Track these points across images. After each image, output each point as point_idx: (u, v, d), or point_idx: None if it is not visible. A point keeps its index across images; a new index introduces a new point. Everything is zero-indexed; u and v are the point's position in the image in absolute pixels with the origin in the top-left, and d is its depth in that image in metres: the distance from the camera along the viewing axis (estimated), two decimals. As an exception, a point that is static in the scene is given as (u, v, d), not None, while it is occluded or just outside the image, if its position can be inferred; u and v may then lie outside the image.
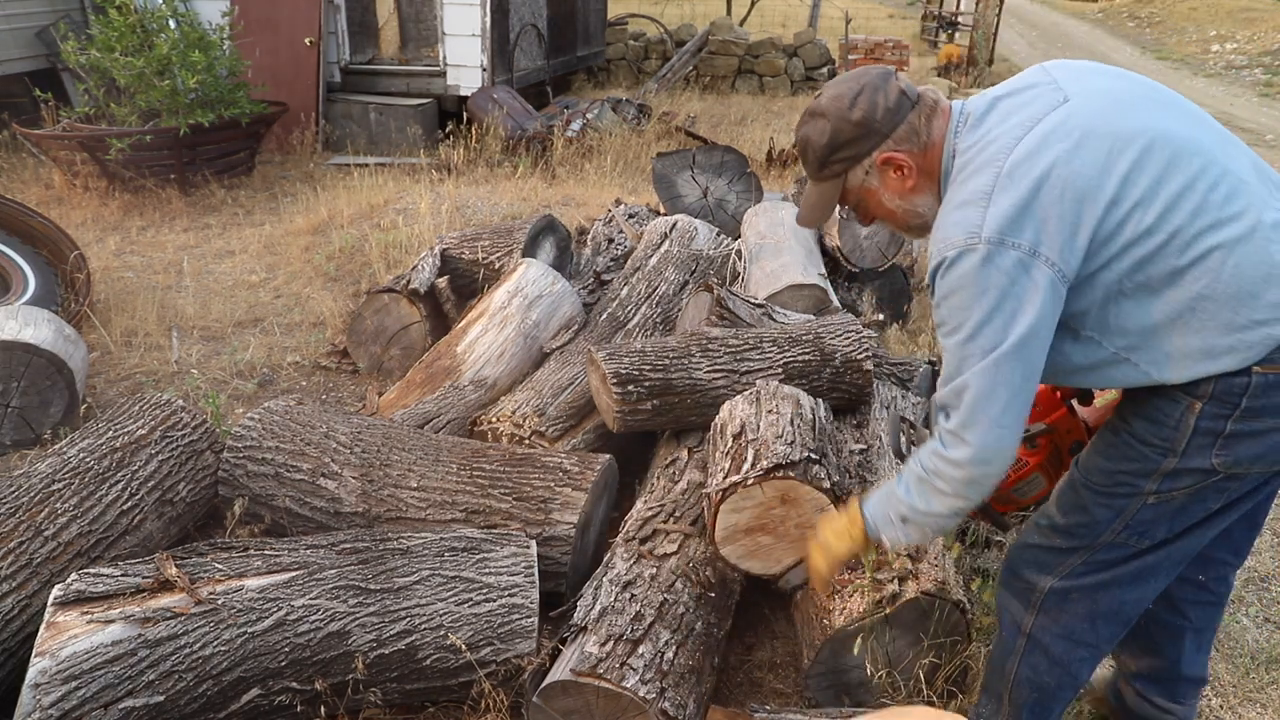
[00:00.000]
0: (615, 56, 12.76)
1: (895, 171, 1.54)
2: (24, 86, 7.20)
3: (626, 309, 3.53)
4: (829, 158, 1.55)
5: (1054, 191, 1.35)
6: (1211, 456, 1.42)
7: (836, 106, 1.52)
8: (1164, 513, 1.50)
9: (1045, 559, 1.63)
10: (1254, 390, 1.37)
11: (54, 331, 3.26)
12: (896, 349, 4.01)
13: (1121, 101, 1.43)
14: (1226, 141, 1.45)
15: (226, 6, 7.28)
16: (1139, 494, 1.50)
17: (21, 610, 1.99)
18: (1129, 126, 1.38)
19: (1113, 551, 1.56)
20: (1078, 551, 1.59)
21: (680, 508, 2.38)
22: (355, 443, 2.55)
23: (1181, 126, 1.41)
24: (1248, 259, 1.34)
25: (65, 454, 2.37)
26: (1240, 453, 1.42)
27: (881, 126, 1.50)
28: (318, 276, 4.97)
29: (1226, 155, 1.41)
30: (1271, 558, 2.82)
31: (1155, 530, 1.52)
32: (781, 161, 7.34)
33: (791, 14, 16.80)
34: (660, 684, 1.83)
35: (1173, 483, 1.47)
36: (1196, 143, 1.39)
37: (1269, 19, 18.14)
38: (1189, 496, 1.48)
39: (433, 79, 8.45)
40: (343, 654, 1.92)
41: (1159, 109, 1.43)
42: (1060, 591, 1.62)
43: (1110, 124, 1.38)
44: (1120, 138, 1.37)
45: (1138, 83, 1.48)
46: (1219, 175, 1.37)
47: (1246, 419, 1.39)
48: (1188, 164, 1.36)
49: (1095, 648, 1.65)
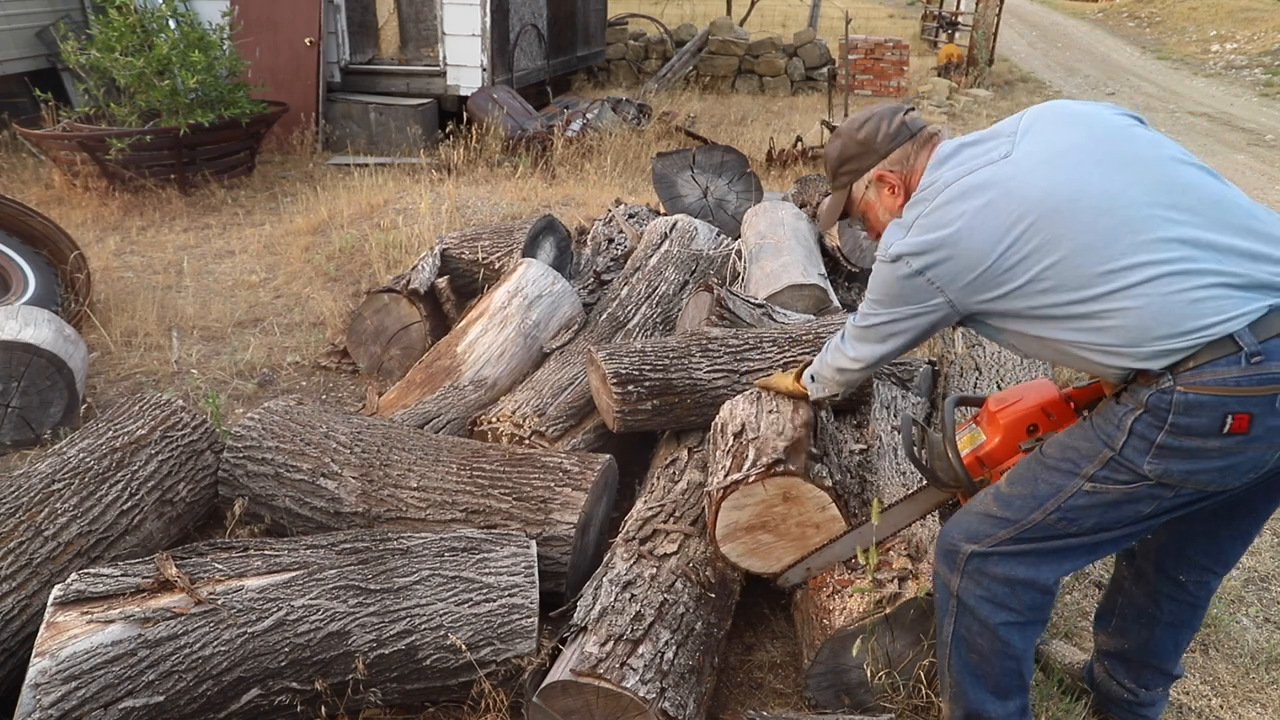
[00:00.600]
0: (615, 56, 12.76)
1: (888, 189, 1.83)
2: (24, 86, 7.21)
3: (626, 309, 3.53)
4: (839, 169, 1.90)
5: (950, 246, 1.59)
6: (1145, 462, 1.51)
7: (848, 128, 1.87)
8: (1097, 503, 1.58)
9: (977, 527, 1.72)
10: (1177, 407, 1.46)
11: (54, 331, 3.26)
12: (896, 349, 4.00)
13: (1058, 160, 1.57)
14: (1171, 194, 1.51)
15: (226, 6, 7.28)
16: (1078, 475, 1.59)
17: (21, 610, 1.99)
18: (1041, 189, 1.54)
19: (1039, 531, 1.65)
20: (1010, 525, 1.68)
21: (680, 508, 2.38)
22: (355, 443, 2.55)
23: (1112, 183, 1.52)
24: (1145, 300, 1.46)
25: (65, 454, 2.37)
26: (1171, 466, 1.50)
27: (880, 147, 1.82)
28: (318, 276, 4.97)
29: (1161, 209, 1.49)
30: (1272, 558, 2.82)
31: (1085, 519, 1.61)
32: (781, 161, 7.34)
33: (791, 14, 16.80)
34: (660, 684, 1.83)
35: (1109, 473, 1.56)
36: (1127, 195, 1.50)
37: (1269, 19, 18.14)
38: (1122, 494, 1.56)
39: (433, 79, 8.45)
40: (343, 654, 1.92)
41: (1095, 166, 1.54)
42: (981, 555, 1.71)
43: (1027, 187, 1.55)
44: (1028, 199, 1.54)
45: (1100, 137, 1.59)
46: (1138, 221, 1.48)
47: (1175, 434, 1.48)
48: (1091, 221, 1.50)
49: (1018, 613, 1.71)
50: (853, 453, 2.58)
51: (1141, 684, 1.99)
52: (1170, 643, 1.94)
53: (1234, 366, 1.42)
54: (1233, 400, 1.42)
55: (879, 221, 1.87)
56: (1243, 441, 1.45)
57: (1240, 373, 1.41)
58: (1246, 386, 1.42)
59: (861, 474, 2.48)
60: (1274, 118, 11.45)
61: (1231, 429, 1.44)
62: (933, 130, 1.79)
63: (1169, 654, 1.95)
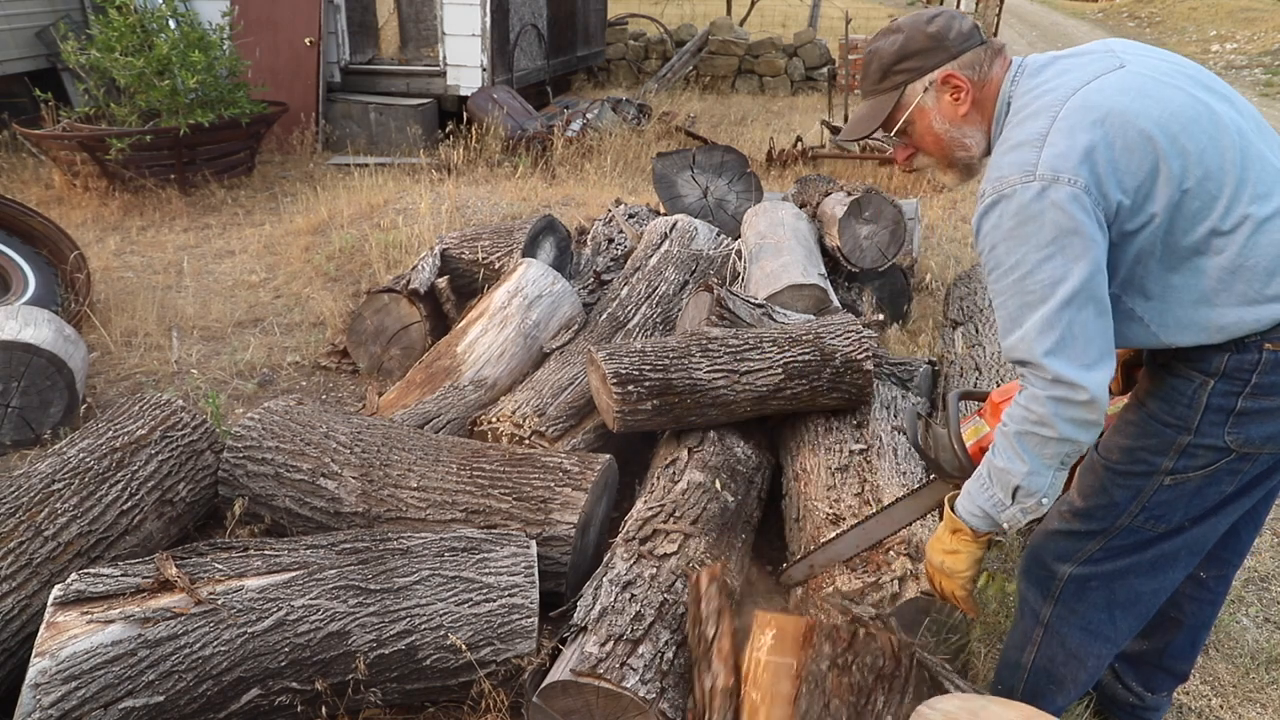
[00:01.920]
0: (615, 56, 12.76)
1: (953, 94, 1.56)
2: (24, 86, 7.20)
3: (626, 309, 3.53)
4: (895, 65, 1.58)
5: (1110, 138, 1.37)
6: (1225, 434, 1.45)
7: (914, 21, 1.58)
8: (1181, 494, 1.52)
9: (1064, 545, 1.64)
10: (1264, 367, 1.40)
11: (54, 331, 3.26)
12: (896, 349, 4.01)
13: (1172, 76, 1.46)
14: (1261, 128, 1.49)
15: (226, 6, 7.28)
16: (1156, 473, 1.52)
17: (21, 610, 1.99)
18: (1179, 97, 1.42)
19: (1130, 536, 1.57)
20: (1096, 536, 1.60)
21: (680, 508, 2.37)
22: (355, 443, 2.55)
23: (1223, 107, 1.45)
24: (1271, 236, 1.38)
25: (65, 454, 2.37)
26: (1251, 431, 1.44)
27: (952, 45, 1.55)
28: (318, 276, 4.97)
29: (1261, 140, 1.46)
30: (1272, 558, 2.82)
31: (1172, 513, 1.54)
32: (781, 161, 7.34)
33: (791, 14, 16.80)
34: (660, 684, 1.83)
35: (1188, 461, 1.49)
36: (1237, 124, 1.44)
37: (1269, 19, 18.14)
38: (1204, 478, 1.50)
39: (433, 79, 8.45)
40: (343, 654, 1.92)
41: (1204, 89, 1.46)
42: (1079, 579, 1.63)
43: (1163, 91, 1.42)
44: (1172, 103, 1.40)
45: (1186, 64, 1.52)
46: (1255, 156, 1.42)
47: (1256, 396, 1.42)
48: (1230, 140, 1.40)
49: (1112, 641, 1.65)
50: (852, 453, 2.58)
51: (1149, 688, 1.96)
52: (1188, 644, 1.91)
53: None
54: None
55: (930, 132, 1.60)
56: None
57: None
58: None
59: (862, 474, 2.48)
60: (1274, 118, 11.44)
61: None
62: (997, 40, 1.59)
63: (1185, 655, 1.92)
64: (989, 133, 1.58)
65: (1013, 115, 1.50)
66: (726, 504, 2.46)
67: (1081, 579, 1.63)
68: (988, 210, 1.44)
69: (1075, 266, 1.36)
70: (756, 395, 2.72)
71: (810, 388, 2.75)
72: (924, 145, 1.64)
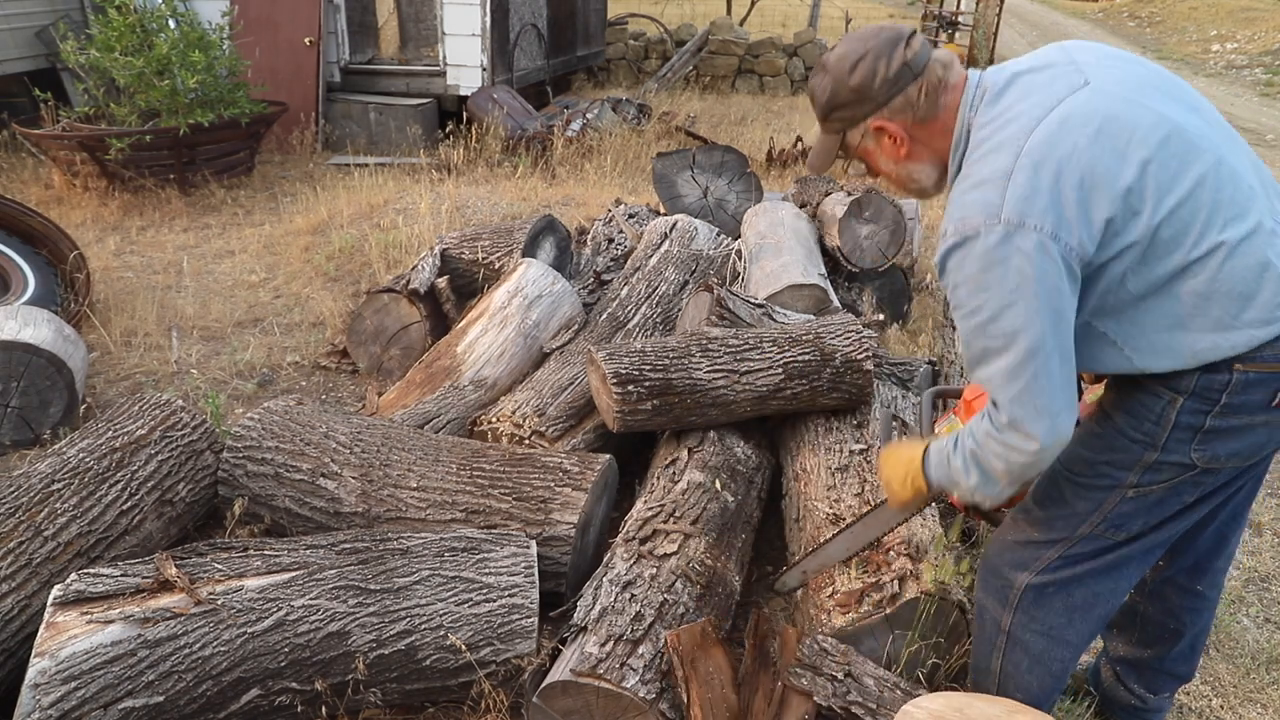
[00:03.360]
0: (615, 56, 12.75)
1: (889, 139, 1.55)
2: (24, 86, 7.20)
3: (626, 309, 3.53)
4: (828, 114, 1.58)
5: (1074, 178, 1.33)
6: (1191, 451, 1.46)
7: (839, 68, 1.53)
8: (1142, 506, 1.53)
9: (1022, 555, 1.65)
10: (1234, 388, 1.41)
11: (54, 331, 3.26)
12: (896, 349, 4.01)
13: (1139, 90, 1.41)
14: (1232, 140, 1.46)
15: (226, 6, 7.28)
16: (1119, 486, 1.52)
17: (21, 610, 1.99)
18: (1146, 117, 1.37)
19: (1089, 544, 1.58)
20: (1055, 544, 1.61)
21: (680, 508, 2.37)
22: (355, 443, 2.55)
23: (1192, 121, 1.41)
24: (1245, 260, 1.36)
25: (65, 454, 2.37)
26: (1218, 448, 1.46)
27: (877, 95, 1.50)
28: (318, 276, 4.97)
29: (1232, 154, 1.42)
30: (1272, 558, 2.82)
31: (1132, 523, 1.55)
32: (781, 161, 7.34)
33: (791, 14, 16.80)
34: (660, 684, 1.83)
35: (1153, 476, 1.50)
36: (1208, 139, 1.40)
37: (1269, 19, 18.13)
38: (1166, 490, 1.51)
39: (433, 79, 8.44)
40: (343, 654, 1.92)
41: (1171, 101, 1.42)
42: (1037, 587, 1.64)
43: (1129, 112, 1.37)
44: (1139, 127, 1.36)
45: (1152, 71, 1.48)
46: (1227, 174, 1.38)
47: (1225, 415, 1.43)
48: (1200, 160, 1.37)
49: (1073, 645, 1.67)
50: (852, 453, 2.58)
51: (1152, 690, 1.97)
52: (1189, 649, 1.91)
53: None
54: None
55: (880, 168, 1.63)
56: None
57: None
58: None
59: (861, 474, 2.48)
60: (1274, 117, 11.45)
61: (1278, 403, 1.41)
62: (940, 67, 1.50)
63: (1186, 658, 1.93)
64: (945, 163, 1.56)
65: (974, 147, 1.45)
66: (726, 504, 2.46)
67: (1039, 587, 1.63)
68: (950, 250, 1.42)
69: (1039, 318, 1.34)
70: (756, 395, 2.72)
71: (810, 388, 2.75)
72: (880, 174, 1.65)
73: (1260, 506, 3.08)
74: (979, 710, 1.55)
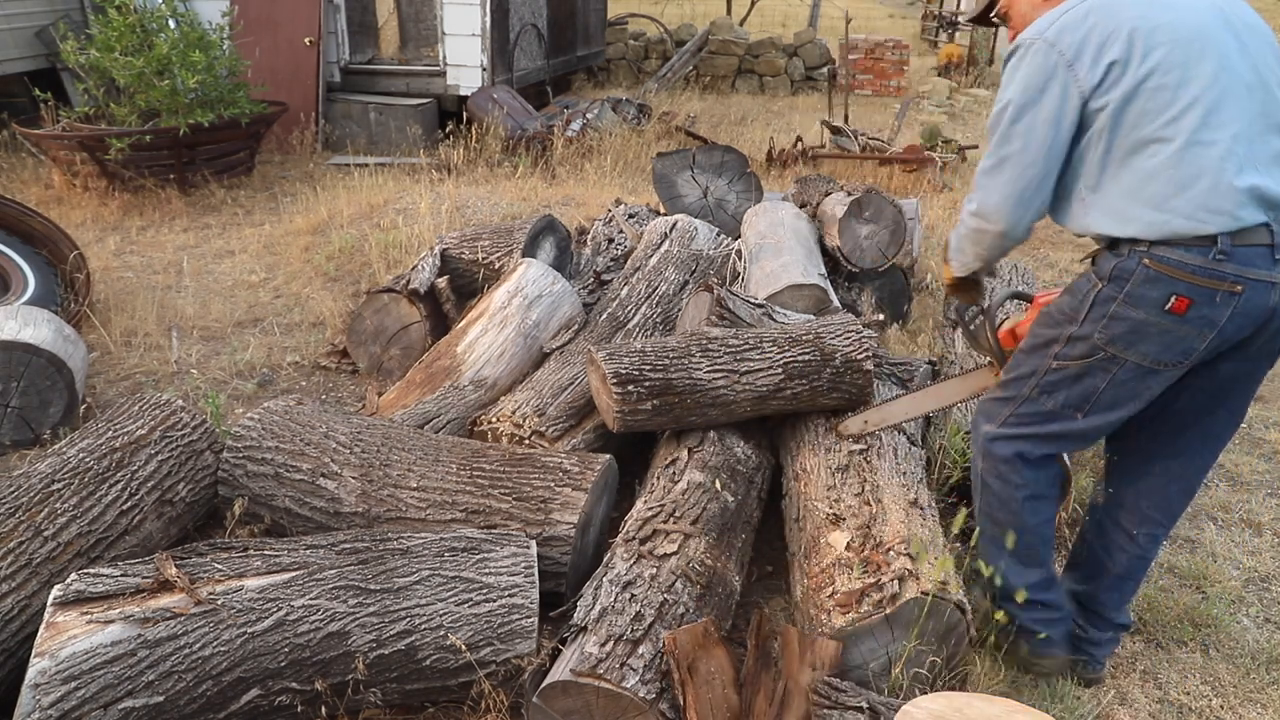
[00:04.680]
0: (615, 56, 12.76)
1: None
2: (24, 86, 7.20)
3: (626, 309, 3.53)
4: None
5: (1100, 26, 1.72)
6: (1097, 331, 1.80)
7: None
8: (1064, 378, 1.89)
9: (991, 408, 2.06)
10: (1137, 279, 1.73)
11: (54, 331, 3.26)
12: (896, 349, 4.01)
13: (1214, 18, 1.73)
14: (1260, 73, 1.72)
15: (226, 6, 7.28)
16: (1048, 355, 1.90)
17: (21, 610, 1.99)
18: (1187, 18, 1.71)
19: (1031, 406, 1.96)
20: (1010, 402, 2.00)
21: (680, 508, 2.37)
22: (355, 443, 2.55)
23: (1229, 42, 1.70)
24: (1197, 159, 1.66)
25: (65, 454, 2.37)
26: (1115, 331, 1.78)
27: None
28: (318, 276, 4.97)
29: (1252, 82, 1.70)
30: (1272, 558, 2.82)
31: (1058, 393, 1.91)
32: (781, 161, 7.34)
33: (791, 14, 16.81)
34: (660, 684, 1.83)
35: (1069, 349, 1.85)
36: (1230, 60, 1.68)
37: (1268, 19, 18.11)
38: (1080, 368, 1.85)
39: (433, 79, 8.45)
40: (343, 654, 1.92)
41: (1219, 22, 1.72)
42: (995, 437, 2.03)
43: (1172, 10, 1.71)
44: (1170, 16, 1.70)
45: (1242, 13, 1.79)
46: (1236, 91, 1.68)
47: (1128, 305, 1.75)
48: (1209, 67, 1.67)
49: (1024, 487, 2.01)
50: (852, 453, 2.58)
51: (1091, 624, 2.20)
52: (1115, 593, 2.18)
53: (1200, 256, 1.67)
54: (1183, 284, 1.69)
55: (1020, 18, 2.00)
56: (1177, 321, 1.71)
57: (1202, 263, 1.67)
58: (1201, 277, 1.68)
59: (862, 474, 2.48)
60: (1274, 118, 11.44)
61: (1173, 308, 1.70)
62: None
63: (1114, 605, 2.19)
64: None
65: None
66: (726, 504, 2.46)
67: (996, 437, 2.03)
68: (1009, 54, 1.85)
69: (1038, 126, 1.76)
70: (757, 395, 2.72)
71: (810, 388, 2.75)
72: (1019, 26, 1.98)
73: (1260, 506, 3.08)
74: (979, 710, 1.57)
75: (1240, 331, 1.74)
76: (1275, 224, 1.68)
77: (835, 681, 1.87)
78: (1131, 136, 1.70)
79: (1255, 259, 1.67)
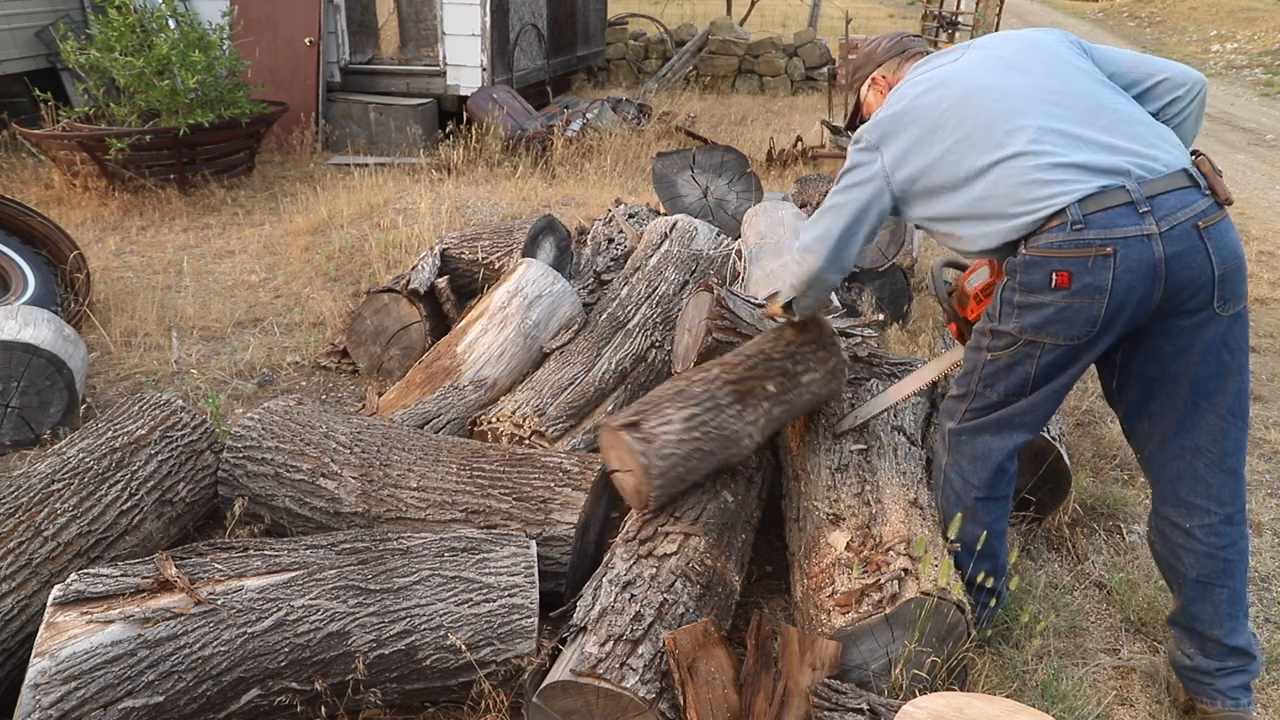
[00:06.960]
0: (615, 56, 12.76)
1: (876, 90, 2.34)
2: (24, 86, 7.21)
3: (626, 309, 3.53)
4: (854, 76, 2.39)
5: (896, 120, 2.04)
6: (1010, 322, 1.93)
7: (865, 44, 2.39)
8: (999, 368, 2.01)
9: (950, 406, 2.18)
10: (1022, 267, 1.88)
11: (54, 331, 3.26)
12: (896, 349, 4.01)
13: (986, 64, 2.01)
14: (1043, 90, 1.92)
15: (226, 6, 7.28)
16: (981, 349, 2.04)
17: (21, 610, 1.99)
18: (965, 85, 1.98)
19: (980, 400, 2.08)
20: (963, 399, 2.12)
21: (680, 508, 2.37)
22: (355, 443, 2.55)
23: (1012, 81, 1.95)
24: (1009, 176, 1.86)
25: (65, 454, 2.37)
26: (1025, 320, 1.91)
27: (878, 57, 2.33)
28: (317, 276, 4.97)
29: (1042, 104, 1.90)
30: (1272, 558, 2.82)
31: (997, 383, 2.03)
32: (781, 161, 7.34)
33: (791, 14, 16.80)
34: (660, 684, 1.83)
35: (996, 341, 1.99)
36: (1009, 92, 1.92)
37: (1269, 19, 18.12)
38: (1010, 356, 1.97)
39: (433, 79, 8.45)
40: (343, 654, 1.92)
41: (1008, 68, 1.98)
42: (955, 433, 2.15)
43: (958, 83, 1.99)
44: (954, 92, 1.98)
45: (1027, 49, 2.04)
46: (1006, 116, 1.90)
47: (1024, 292, 1.89)
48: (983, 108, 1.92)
49: (977, 487, 2.12)
50: (852, 452, 2.58)
51: (1198, 648, 2.09)
52: (1207, 605, 2.04)
53: (1061, 233, 1.80)
54: (1056, 260, 1.81)
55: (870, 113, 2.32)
56: (1067, 295, 1.82)
57: (1064, 238, 1.80)
58: (1068, 249, 1.80)
59: (862, 474, 2.48)
60: (1274, 117, 11.44)
61: (1057, 284, 1.82)
62: (918, 48, 2.29)
63: (1211, 619, 2.05)
64: None
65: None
66: (726, 504, 2.46)
67: (956, 433, 2.14)
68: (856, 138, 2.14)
69: (847, 192, 2.12)
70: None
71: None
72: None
73: (1260, 506, 3.08)
74: (979, 710, 1.56)
75: (1143, 288, 1.79)
76: (1129, 184, 1.77)
77: (835, 683, 1.87)
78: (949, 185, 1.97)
79: (1117, 219, 1.76)
